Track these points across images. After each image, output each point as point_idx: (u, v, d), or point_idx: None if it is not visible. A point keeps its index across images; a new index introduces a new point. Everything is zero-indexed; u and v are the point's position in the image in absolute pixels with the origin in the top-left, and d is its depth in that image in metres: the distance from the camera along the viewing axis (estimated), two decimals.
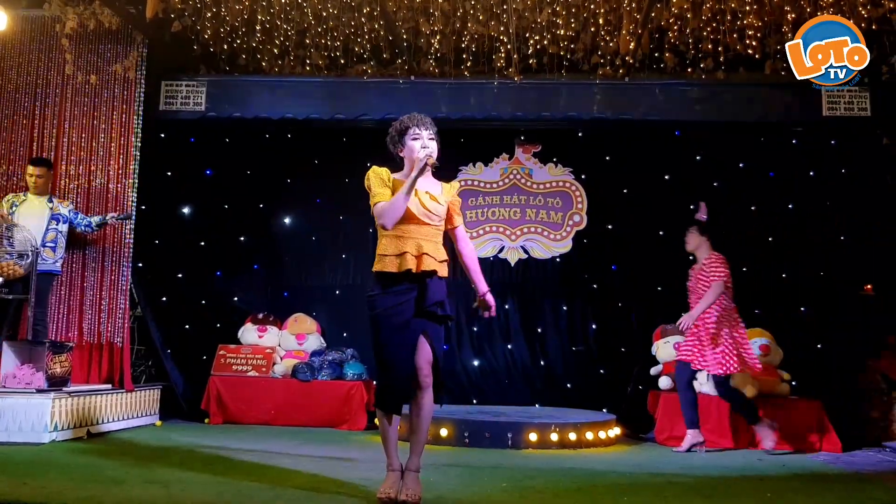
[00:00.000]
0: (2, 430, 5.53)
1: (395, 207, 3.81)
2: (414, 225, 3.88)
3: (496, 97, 7.48)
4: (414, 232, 3.88)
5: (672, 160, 8.19)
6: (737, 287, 7.72)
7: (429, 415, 3.89)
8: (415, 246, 3.85)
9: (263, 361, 7.53)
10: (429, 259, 3.85)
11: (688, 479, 4.93)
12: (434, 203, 3.92)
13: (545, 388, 7.95)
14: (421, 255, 3.84)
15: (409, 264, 3.81)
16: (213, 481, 4.31)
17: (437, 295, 3.87)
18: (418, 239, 3.87)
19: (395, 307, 3.84)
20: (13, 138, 7.17)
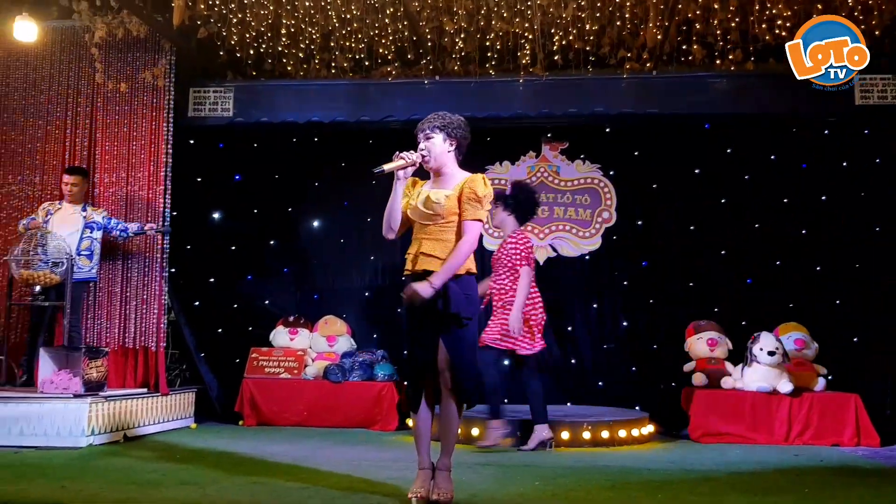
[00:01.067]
0: (40, 434, 5.60)
1: (385, 218, 3.92)
2: (417, 227, 3.93)
3: (522, 95, 7.45)
4: (418, 233, 3.92)
5: (702, 154, 8.10)
6: (771, 282, 7.75)
7: (451, 417, 3.87)
8: (416, 246, 3.89)
9: (295, 363, 7.57)
10: (426, 258, 3.82)
11: (722, 475, 4.90)
12: (429, 203, 3.88)
13: (576, 387, 7.90)
14: (418, 254, 3.85)
15: (407, 265, 3.89)
16: (248, 482, 4.35)
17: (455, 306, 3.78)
18: (421, 239, 3.89)
19: (409, 308, 3.86)
20: (47, 148, 7.28)
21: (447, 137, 3.95)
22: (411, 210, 3.93)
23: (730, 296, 7.82)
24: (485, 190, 3.87)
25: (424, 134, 3.95)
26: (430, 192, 3.92)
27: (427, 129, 3.95)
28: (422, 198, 3.91)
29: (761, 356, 6.63)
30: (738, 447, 6.24)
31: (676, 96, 7.33)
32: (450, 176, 3.97)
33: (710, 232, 7.94)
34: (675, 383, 7.46)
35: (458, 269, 3.80)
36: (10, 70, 7.39)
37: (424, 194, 3.91)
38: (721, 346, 7.12)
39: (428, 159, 3.92)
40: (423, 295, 3.71)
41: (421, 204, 3.90)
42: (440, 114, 4.01)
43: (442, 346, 3.81)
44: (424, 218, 3.90)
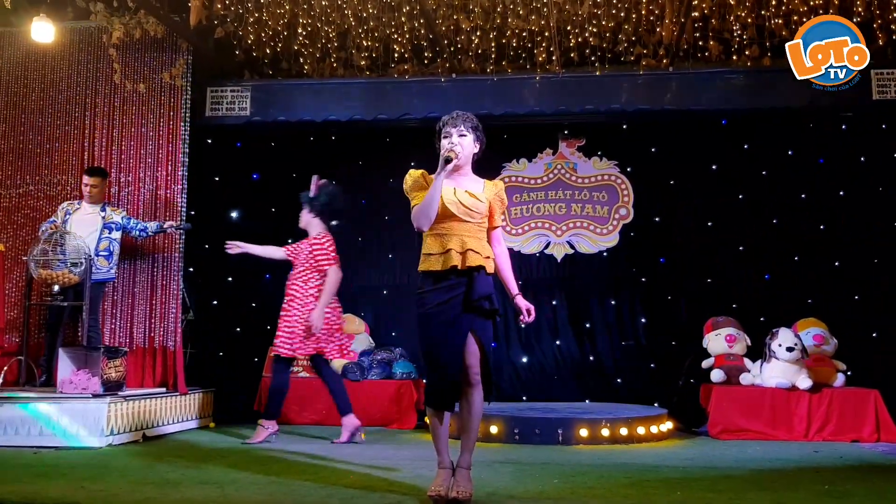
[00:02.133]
0: (60, 434, 5.62)
1: (425, 209, 3.82)
2: (456, 222, 3.87)
3: (538, 92, 7.43)
4: (456, 229, 3.87)
5: (719, 150, 8.07)
6: (789, 277, 7.71)
7: (479, 412, 3.88)
8: (459, 243, 3.85)
9: None
10: (474, 255, 3.84)
11: (742, 472, 4.87)
12: (473, 200, 3.89)
13: (595, 384, 7.90)
14: (466, 251, 3.84)
15: (455, 261, 3.81)
16: (267, 481, 4.34)
17: (484, 289, 3.85)
18: (462, 235, 3.86)
19: (443, 304, 3.83)
20: (66, 148, 7.31)
21: (476, 139, 3.98)
22: (452, 204, 3.88)
23: (748, 292, 7.80)
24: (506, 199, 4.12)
25: (458, 130, 3.93)
26: (467, 189, 3.94)
27: (461, 125, 3.95)
28: (463, 195, 3.90)
29: (780, 352, 6.62)
30: (758, 444, 6.21)
31: (693, 92, 7.30)
32: (467, 175, 3.99)
33: (728, 228, 7.93)
34: (693, 380, 7.44)
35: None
36: (28, 71, 7.43)
37: (462, 191, 3.91)
38: (739, 342, 7.09)
39: (459, 155, 3.91)
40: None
41: (466, 201, 3.89)
42: (469, 115, 4.02)
43: (470, 340, 3.83)
44: (467, 215, 3.89)
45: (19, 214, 7.27)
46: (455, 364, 3.81)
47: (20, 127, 7.37)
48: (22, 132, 7.37)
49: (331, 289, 6.08)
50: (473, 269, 3.83)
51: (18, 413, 5.67)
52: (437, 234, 3.88)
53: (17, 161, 7.34)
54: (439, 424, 3.90)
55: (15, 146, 7.36)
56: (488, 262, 3.91)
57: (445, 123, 3.96)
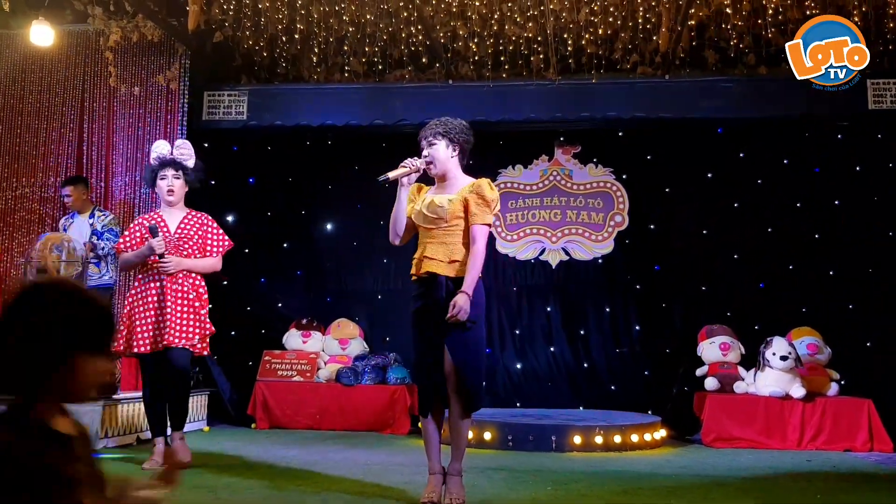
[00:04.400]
0: None
1: (391, 222, 4.02)
2: (422, 231, 3.98)
3: (535, 99, 7.43)
4: (423, 237, 3.98)
5: (714, 158, 8.07)
6: (784, 285, 7.74)
7: (457, 421, 3.88)
8: (421, 250, 3.95)
9: (308, 366, 7.56)
10: (430, 262, 3.88)
11: (735, 480, 4.87)
12: (434, 206, 3.92)
13: (589, 391, 7.88)
14: (422, 258, 3.91)
15: (413, 269, 3.94)
16: (260, 486, 4.36)
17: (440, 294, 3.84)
18: (425, 243, 3.95)
19: (419, 310, 3.93)
20: (62, 151, 7.31)
21: (450, 143, 4.00)
22: (415, 215, 3.99)
23: (743, 300, 7.80)
24: (492, 194, 3.94)
25: (427, 141, 3.99)
26: (434, 197, 3.98)
27: (429, 135, 3.99)
28: (426, 203, 3.96)
29: (774, 361, 6.60)
30: (751, 452, 6.21)
31: (689, 100, 7.30)
32: (454, 181, 4.03)
33: (723, 235, 7.93)
34: (687, 388, 7.41)
35: (479, 273, 3.86)
36: (26, 73, 7.43)
37: (429, 199, 3.96)
38: (734, 350, 7.08)
39: (432, 166, 3.97)
40: (466, 307, 3.73)
41: (425, 209, 3.94)
42: (442, 120, 4.05)
43: (447, 351, 3.83)
44: (428, 222, 3.94)
45: (15, 217, 7.27)
46: (428, 371, 3.86)
47: (16, 129, 7.37)
48: (18, 134, 7.36)
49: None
50: (434, 276, 3.86)
51: None
52: (418, 242, 4.03)
53: (13, 163, 7.34)
54: (429, 430, 3.95)
55: (11, 148, 7.36)
56: (455, 265, 3.86)
57: (419, 138, 4.04)
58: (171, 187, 4.99)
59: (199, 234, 5.02)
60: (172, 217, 5.04)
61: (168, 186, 5.00)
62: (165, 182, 5.00)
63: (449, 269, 3.87)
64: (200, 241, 5.02)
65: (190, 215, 5.09)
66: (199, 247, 5.02)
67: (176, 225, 4.99)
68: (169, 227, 4.96)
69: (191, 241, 4.97)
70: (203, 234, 5.04)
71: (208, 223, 5.10)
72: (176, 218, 5.04)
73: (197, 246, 5.00)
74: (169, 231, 4.95)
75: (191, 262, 4.95)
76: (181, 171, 5.06)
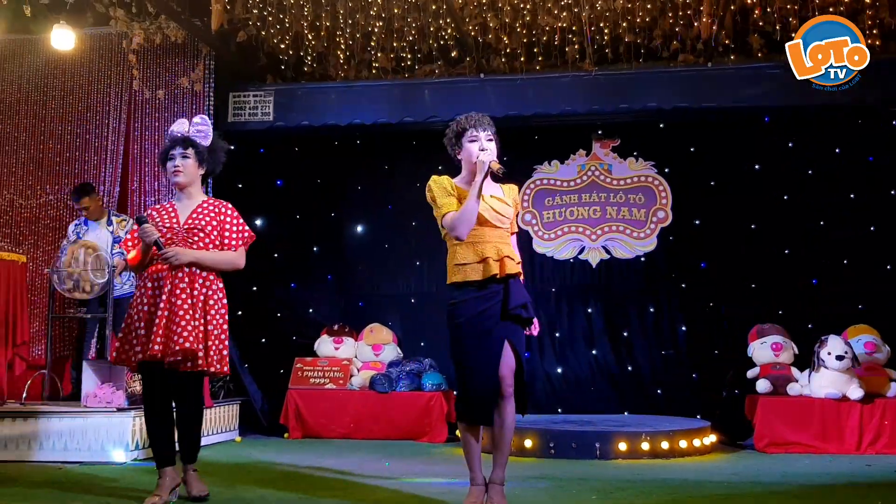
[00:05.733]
0: (84, 449, 5.59)
1: (467, 216, 3.80)
2: (488, 229, 3.88)
3: (570, 91, 7.31)
4: (489, 236, 3.87)
5: (762, 148, 7.87)
6: (838, 281, 7.52)
7: (512, 425, 3.86)
8: (494, 250, 3.84)
9: (340, 374, 7.48)
10: (510, 262, 3.85)
11: (790, 487, 4.74)
12: (503, 206, 3.93)
13: (633, 395, 7.75)
14: (502, 258, 3.83)
15: (494, 269, 3.80)
16: (295, 498, 4.31)
17: (521, 297, 3.84)
18: (495, 243, 3.86)
19: (479, 314, 3.81)
20: (85, 157, 7.35)
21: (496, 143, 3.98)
22: (486, 211, 3.87)
23: (794, 297, 7.59)
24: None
25: (486, 134, 3.93)
26: (493, 194, 3.95)
27: (489, 129, 3.96)
28: (495, 202, 3.91)
29: (829, 361, 6.44)
30: (807, 457, 6.09)
31: (733, 89, 7.12)
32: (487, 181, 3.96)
33: (772, 230, 7.74)
34: (738, 390, 7.25)
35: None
36: (48, 79, 7.49)
37: (488, 196, 3.91)
38: (786, 350, 6.91)
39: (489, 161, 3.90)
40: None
41: (498, 208, 3.91)
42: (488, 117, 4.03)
43: (506, 351, 3.79)
44: (499, 221, 3.92)
45: (40, 224, 7.32)
46: (490, 377, 3.78)
47: (40, 136, 7.44)
48: (42, 141, 7.42)
49: None
50: (510, 277, 3.84)
51: (43, 427, 5.66)
52: (470, 242, 3.86)
53: (38, 171, 7.41)
54: (472, 440, 3.87)
55: (35, 155, 7.42)
56: (520, 267, 3.93)
57: (472, 125, 3.94)
58: (177, 167, 4.22)
59: (213, 224, 4.24)
60: (185, 206, 4.29)
61: (174, 167, 4.23)
62: (171, 163, 4.25)
63: (519, 271, 3.92)
64: (216, 234, 4.24)
65: (206, 203, 4.31)
66: (216, 239, 4.25)
67: (188, 214, 4.24)
68: (179, 217, 4.23)
69: (203, 233, 4.19)
70: (220, 224, 4.27)
71: (226, 211, 4.33)
72: (188, 207, 4.28)
73: (211, 238, 4.22)
74: (178, 221, 4.21)
75: (199, 254, 4.14)
76: (192, 148, 4.27)
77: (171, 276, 4.08)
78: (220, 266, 4.25)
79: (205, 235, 4.19)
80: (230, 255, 4.26)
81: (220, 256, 4.23)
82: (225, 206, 4.33)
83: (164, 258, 4.05)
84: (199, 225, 4.19)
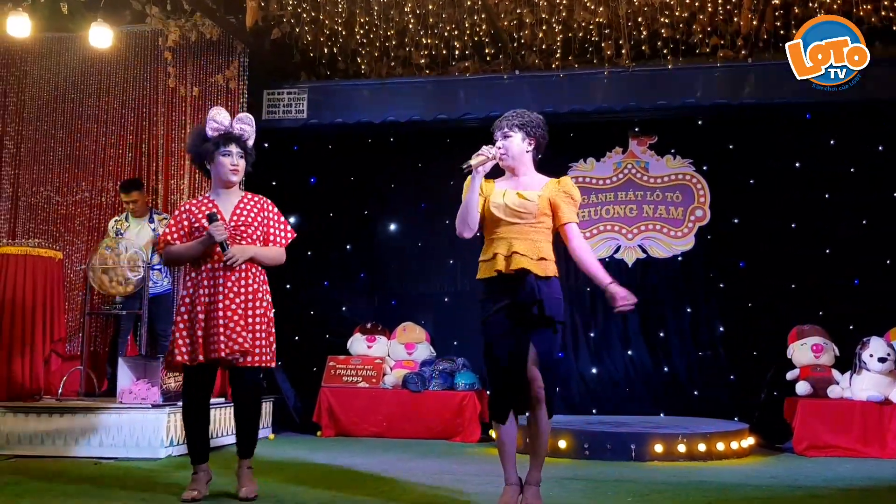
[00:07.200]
0: (119, 445, 5.61)
1: (461, 215, 3.82)
2: (504, 226, 3.83)
3: (607, 87, 7.25)
4: (504, 232, 3.82)
5: (803, 146, 7.74)
6: (880, 282, 7.39)
7: (545, 429, 3.80)
8: (505, 246, 3.78)
9: (373, 372, 7.47)
10: (520, 257, 3.74)
11: (831, 492, 4.67)
12: (521, 200, 3.82)
13: (669, 396, 7.67)
14: (511, 254, 3.75)
15: (499, 265, 3.74)
16: (328, 496, 4.29)
17: (532, 295, 3.73)
18: (509, 238, 3.80)
19: (497, 312, 3.78)
20: (121, 154, 7.40)
21: (526, 136, 3.92)
22: (498, 207, 3.84)
23: (835, 298, 7.46)
24: (578, 193, 3.96)
25: (503, 132, 3.91)
26: (516, 190, 3.87)
27: (505, 126, 3.91)
28: (510, 196, 3.83)
29: (871, 363, 6.38)
30: (847, 461, 5.99)
31: (774, 85, 6.97)
32: (525, 176, 3.94)
33: (813, 229, 7.62)
34: (776, 392, 7.15)
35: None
36: (85, 76, 7.54)
37: (512, 192, 3.85)
38: (827, 352, 6.81)
39: (505, 157, 3.87)
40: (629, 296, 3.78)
41: (510, 202, 3.82)
42: (519, 112, 3.96)
43: (532, 352, 3.72)
44: (514, 216, 3.82)
45: (76, 222, 7.37)
46: (509, 375, 3.74)
47: (76, 133, 7.48)
48: (78, 139, 7.47)
49: None
50: (523, 274, 3.73)
51: (79, 423, 5.69)
52: (489, 239, 3.88)
53: (74, 168, 7.46)
54: (505, 439, 3.82)
55: (71, 153, 7.47)
56: (543, 263, 3.78)
57: (494, 129, 3.95)
58: (236, 167, 4.20)
59: (258, 220, 4.25)
60: (226, 202, 4.26)
61: (233, 165, 4.19)
62: (230, 159, 4.18)
63: (538, 267, 3.76)
64: (262, 229, 4.26)
65: (246, 198, 4.30)
66: (261, 236, 4.26)
67: (231, 211, 4.22)
68: (223, 214, 4.20)
69: (250, 229, 4.20)
70: (264, 219, 4.28)
71: (269, 207, 4.33)
72: (230, 203, 4.25)
73: (257, 234, 4.23)
74: (224, 218, 4.18)
75: (255, 250, 4.17)
76: (244, 148, 4.29)
77: (226, 275, 4.11)
78: (269, 262, 4.28)
79: (252, 231, 4.20)
80: (277, 251, 4.30)
81: (269, 252, 4.26)
82: (265, 202, 4.34)
83: (228, 260, 4.08)
84: (245, 221, 4.20)
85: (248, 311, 4.14)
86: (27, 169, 7.46)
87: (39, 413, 5.72)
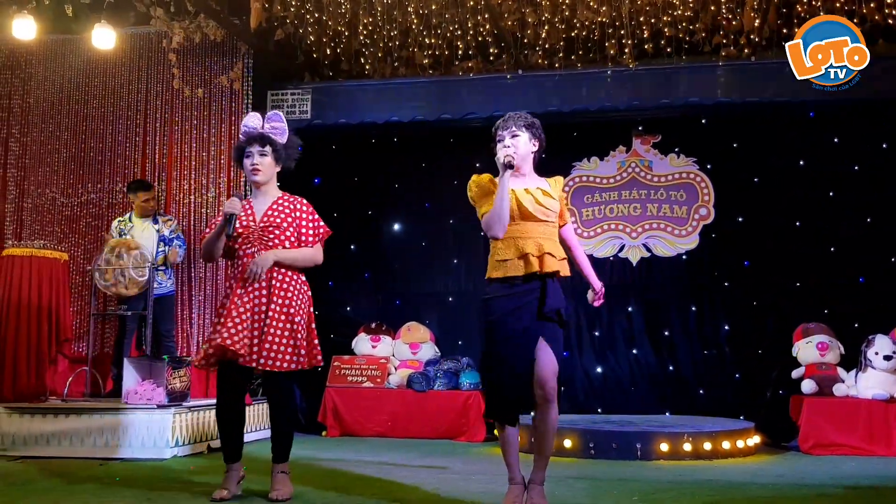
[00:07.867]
0: (125, 446, 5.62)
1: (497, 215, 3.74)
2: (531, 224, 3.79)
3: (610, 86, 7.25)
4: (531, 231, 3.78)
5: (807, 145, 7.72)
6: (885, 279, 7.37)
7: (554, 429, 3.79)
8: (535, 246, 3.75)
9: (378, 372, 7.49)
10: (550, 259, 3.75)
11: (838, 490, 4.66)
12: (548, 199, 3.83)
13: (675, 395, 7.66)
14: (543, 254, 3.74)
15: (534, 266, 3.71)
16: (334, 496, 4.29)
17: (555, 302, 3.76)
18: (537, 238, 3.77)
19: (514, 311, 3.74)
20: (127, 155, 7.44)
21: (532, 137, 3.93)
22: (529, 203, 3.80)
23: (840, 296, 7.44)
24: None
25: (510, 131, 3.88)
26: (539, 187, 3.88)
27: (513, 126, 3.90)
28: (535, 193, 3.83)
29: (877, 361, 6.40)
30: (853, 459, 5.99)
31: (777, 83, 6.95)
32: (527, 177, 3.93)
33: (818, 228, 7.61)
34: (782, 391, 7.15)
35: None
36: (89, 78, 7.59)
37: (531, 191, 3.84)
38: (832, 350, 6.81)
39: (514, 157, 3.84)
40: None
41: (541, 199, 3.82)
42: (522, 113, 3.97)
43: (545, 352, 3.71)
44: (543, 215, 3.82)
45: (81, 223, 7.41)
46: (524, 375, 3.70)
47: (81, 134, 7.54)
48: (83, 139, 7.51)
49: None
50: (548, 275, 3.75)
51: (84, 424, 5.70)
52: (510, 237, 3.79)
53: (79, 169, 7.51)
54: (509, 438, 3.80)
55: (76, 154, 7.53)
56: (563, 264, 3.83)
57: (498, 128, 3.94)
58: (255, 165, 4.20)
59: (289, 221, 4.20)
60: (261, 203, 4.26)
61: (252, 165, 4.21)
62: (249, 160, 4.22)
63: (564, 268, 3.83)
64: (293, 230, 4.21)
65: (281, 199, 4.27)
66: (291, 236, 4.21)
67: (263, 211, 4.20)
68: (255, 215, 4.19)
69: (278, 230, 4.16)
70: (296, 219, 4.23)
71: (302, 207, 4.29)
72: (264, 204, 4.24)
73: (287, 236, 4.18)
74: (254, 219, 4.17)
75: (283, 254, 4.13)
76: (269, 146, 4.25)
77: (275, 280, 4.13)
78: (304, 263, 4.25)
79: (280, 233, 4.17)
80: (308, 252, 4.26)
81: (299, 254, 4.22)
82: (300, 202, 4.32)
83: (251, 275, 4.07)
84: (274, 222, 4.17)
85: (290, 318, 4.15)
86: (32, 170, 7.50)
87: (45, 414, 5.73)
